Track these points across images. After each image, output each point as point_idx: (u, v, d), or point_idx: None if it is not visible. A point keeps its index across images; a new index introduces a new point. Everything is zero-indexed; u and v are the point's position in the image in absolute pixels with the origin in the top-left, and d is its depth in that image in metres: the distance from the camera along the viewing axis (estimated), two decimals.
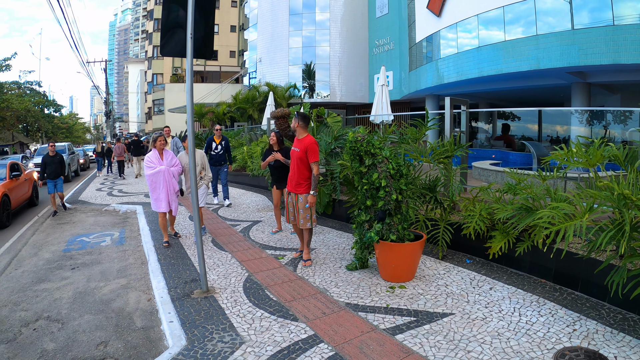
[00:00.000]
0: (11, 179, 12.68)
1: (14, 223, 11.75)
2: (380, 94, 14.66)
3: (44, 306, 5.67)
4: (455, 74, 22.67)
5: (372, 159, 5.66)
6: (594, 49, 15.98)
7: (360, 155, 5.72)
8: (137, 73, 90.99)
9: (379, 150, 5.66)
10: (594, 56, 16.03)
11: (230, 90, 42.89)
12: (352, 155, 5.79)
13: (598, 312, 4.51)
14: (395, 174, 5.67)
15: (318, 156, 6.34)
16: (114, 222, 10.96)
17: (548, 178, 5.80)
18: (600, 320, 4.32)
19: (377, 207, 5.71)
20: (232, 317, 4.80)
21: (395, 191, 5.62)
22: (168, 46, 5.43)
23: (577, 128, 20.79)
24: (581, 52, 16.33)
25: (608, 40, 15.59)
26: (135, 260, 7.59)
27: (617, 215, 4.06)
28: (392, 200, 5.63)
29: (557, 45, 17.17)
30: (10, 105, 34.15)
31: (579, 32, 16.51)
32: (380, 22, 36.34)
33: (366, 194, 5.81)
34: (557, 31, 17.32)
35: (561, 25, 17.25)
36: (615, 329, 4.14)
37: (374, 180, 5.59)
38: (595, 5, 16.40)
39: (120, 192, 16.56)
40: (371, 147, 5.63)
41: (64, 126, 60.71)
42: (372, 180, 5.61)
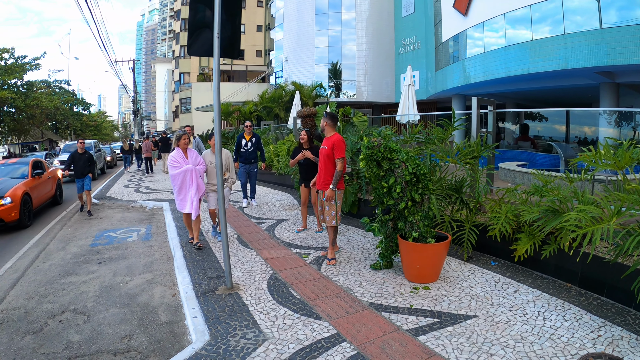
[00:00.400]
0: (33, 177, 12.38)
1: (41, 218, 12.04)
2: (407, 93, 14.60)
3: (70, 299, 5.79)
4: (482, 74, 22.44)
5: (390, 163, 5.65)
6: (623, 48, 15.67)
7: (378, 160, 5.71)
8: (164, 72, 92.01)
9: (395, 154, 5.65)
10: (622, 56, 15.72)
11: (256, 90, 43.15)
12: (369, 160, 5.78)
13: (624, 318, 4.43)
14: (411, 179, 5.65)
15: (344, 153, 6.50)
16: (141, 218, 11.12)
17: (575, 180, 5.72)
18: (625, 327, 4.23)
19: (387, 204, 5.73)
20: (255, 314, 4.84)
21: (407, 198, 5.61)
22: (195, 46, 5.49)
23: (605, 129, 20.42)
24: (609, 52, 16.02)
25: (637, 39, 15.26)
26: (161, 256, 7.70)
27: None
28: (399, 207, 5.64)
29: (585, 44, 16.88)
30: (40, 103, 34.82)
31: (608, 31, 16.20)
32: (406, 22, 36.17)
33: (384, 196, 5.80)
34: (585, 30, 17.02)
35: (589, 24, 16.95)
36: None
37: (391, 184, 5.59)
38: (623, 3, 16.08)
39: (147, 189, 16.77)
40: (388, 152, 5.62)
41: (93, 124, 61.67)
42: (389, 184, 5.62)
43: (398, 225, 5.75)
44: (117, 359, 4.23)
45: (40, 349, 4.45)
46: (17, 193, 10.68)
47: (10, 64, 33.27)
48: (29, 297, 5.91)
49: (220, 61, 5.45)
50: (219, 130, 5.57)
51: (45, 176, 13.36)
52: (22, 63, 33.95)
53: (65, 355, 4.30)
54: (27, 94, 33.95)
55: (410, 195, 5.63)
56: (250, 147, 11.42)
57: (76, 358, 4.25)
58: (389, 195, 5.69)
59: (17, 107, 33.15)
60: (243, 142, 11.41)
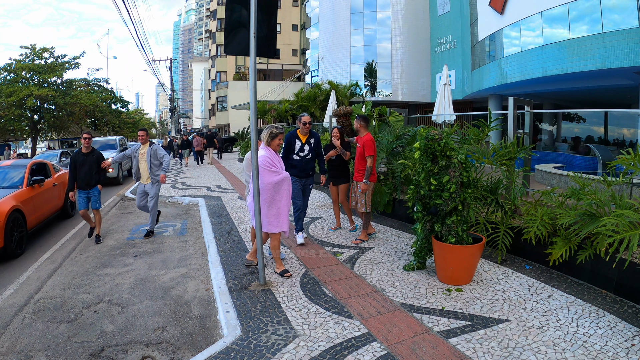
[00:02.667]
0: (30, 185, 9.36)
1: None
2: (443, 93, 14.49)
3: (105, 290, 5.94)
4: (518, 74, 22.12)
5: (447, 160, 5.61)
6: None
7: (435, 154, 5.65)
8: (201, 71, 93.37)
9: (454, 152, 5.61)
10: None
11: (292, 88, 43.40)
12: (425, 153, 5.71)
13: None
14: (465, 182, 5.62)
15: (373, 151, 7.46)
16: (177, 214, 11.31)
17: (613, 184, 5.61)
18: None
19: (433, 202, 5.67)
20: (287, 311, 4.87)
21: (459, 200, 5.57)
22: (232, 45, 5.56)
23: None
24: None
25: None
26: (195, 251, 7.82)
27: None
28: (449, 207, 5.58)
29: (623, 43, 16.46)
30: (79, 101, 35.68)
31: None
32: (441, 20, 35.88)
33: (429, 193, 5.74)
34: (624, 29, 16.62)
35: (628, 23, 16.51)
36: None
37: (444, 182, 5.53)
38: None
39: (184, 185, 17.02)
40: (448, 149, 5.58)
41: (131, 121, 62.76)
42: (442, 182, 5.56)
43: (435, 227, 5.72)
44: (149, 349, 4.31)
45: (75, 337, 4.58)
46: None
47: (50, 63, 34.24)
48: (65, 287, 6.09)
49: (257, 60, 5.51)
50: (255, 128, 5.63)
51: (49, 183, 10.41)
52: (62, 62, 34.91)
53: (98, 345, 4.41)
54: (66, 92, 34.87)
55: (463, 197, 5.60)
56: (308, 152, 7.74)
57: (109, 347, 4.35)
58: (437, 194, 5.62)
59: (56, 105, 34.03)
60: (297, 144, 7.71)
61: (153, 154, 9.02)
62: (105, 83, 45.76)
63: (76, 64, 35.42)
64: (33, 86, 31.95)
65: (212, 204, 11.89)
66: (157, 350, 4.30)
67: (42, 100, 32.66)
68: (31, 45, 33.97)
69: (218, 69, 60.81)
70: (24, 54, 33.94)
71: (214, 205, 11.69)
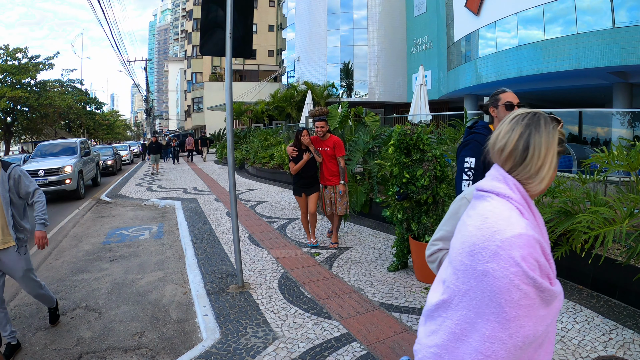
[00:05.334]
0: None
1: (54, 216, 12.03)
2: (419, 93, 14.57)
3: (82, 296, 5.84)
4: (494, 74, 22.38)
5: (421, 154, 5.63)
6: (637, 47, 15.56)
7: (409, 148, 5.67)
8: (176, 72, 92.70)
9: (428, 147, 5.64)
10: (636, 55, 15.61)
11: (268, 89, 43.27)
12: (399, 148, 5.73)
13: (636, 321, 4.37)
14: (439, 176, 5.65)
15: (344, 151, 7.32)
16: (153, 217, 11.19)
17: (588, 181, 5.69)
18: (637, 330, 4.17)
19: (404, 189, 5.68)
20: (266, 313, 4.85)
21: (430, 193, 5.60)
22: (207, 45, 5.52)
23: (618, 130, 20.20)
24: (623, 52, 15.92)
25: None
26: (172, 254, 7.74)
27: None
28: (420, 195, 5.60)
29: (598, 44, 16.78)
30: (53, 102, 35.22)
31: (621, 30, 16.09)
32: (418, 21, 36.15)
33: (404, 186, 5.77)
34: (598, 30, 16.92)
35: (601, 24, 16.85)
36: None
37: (418, 175, 5.55)
38: (636, 3, 15.96)
39: (160, 187, 16.86)
40: (420, 142, 5.61)
41: (105, 123, 62.16)
42: (415, 175, 5.58)
43: (411, 226, 5.74)
44: (127, 355, 4.26)
45: (52, 345, 4.49)
46: None
47: (24, 64, 33.66)
48: None
49: (233, 61, 5.48)
50: (231, 130, 5.60)
51: None
52: (36, 63, 34.34)
53: (76, 352, 4.33)
54: (40, 93, 34.33)
55: (436, 190, 5.62)
56: None
57: (87, 354, 4.28)
58: (411, 186, 5.63)
59: (30, 106, 33.52)
60: None
61: (14, 185, 4.40)
62: (79, 84, 45.29)
63: (50, 64, 34.89)
64: (6, 87, 31.41)
65: (188, 207, 11.80)
66: (135, 356, 4.24)
67: (16, 101, 32.11)
68: (4, 45, 33.37)
69: (194, 69, 60.40)
70: None
71: (191, 208, 11.60)
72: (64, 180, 14.10)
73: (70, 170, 14.40)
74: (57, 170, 14.20)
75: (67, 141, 18.14)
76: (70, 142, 17.60)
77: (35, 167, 14.05)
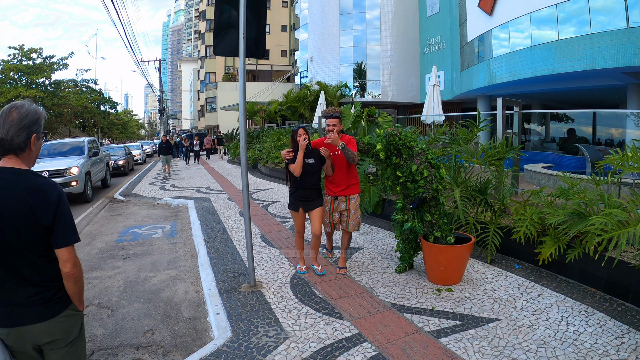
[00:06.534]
0: None
1: None
2: (432, 94, 14.53)
3: (95, 293, 5.89)
4: (507, 74, 22.24)
5: (409, 151, 5.63)
6: None
7: (399, 148, 5.66)
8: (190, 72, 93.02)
9: (415, 142, 5.64)
10: None
11: (281, 89, 43.33)
12: (389, 150, 5.71)
13: None
14: (434, 164, 5.65)
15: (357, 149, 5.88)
16: (166, 216, 11.25)
17: (602, 183, 5.64)
18: None
19: (414, 194, 5.66)
20: (277, 312, 4.86)
21: (436, 180, 5.60)
22: (221, 46, 5.54)
23: (632, 131, 20.04)
24: (637, 52, 15.73)
25: None
26: (185, 253, 7.78)
27: None
28: (432, 189, 5.60)
29: (612, 44, 16.62)
30: (68, 102, 35.56)
31: (635, 30, 15.91)
32: (431, 21, 36.01)
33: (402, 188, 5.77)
34: (612, 30, 16.78)
35: (616, 24, 16.69)
36: None
37: (414, 171, 5.54)
38: None
39: (173, 186, 16.94)
40: (407, 139, 5.60)
41: (119, 122, 62.58)
42: (412, 172, 5.56)
43: (416, 226, 5.72)
44: (139, 353, 4.28)
45: None
46: None
47: (39, 64, 34.00)
48: None
49: (246, 61, 5.50)
50: (244, 129, 5.62)
51: None
52: (50, 63, 34.70)
53: (88, 348, 4.35)
54: (54, 93, 34.70)
55: (439, 176, 5.63)
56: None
57: (99, 351, 4.31)
58: (414, 186, 5.63)
59: (45, 106, 33.79)
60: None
61: None
62: (93, 84, 45.63)
63: (64, 64, 35.26)
64: (21, 87, 31.80)
65: (201, 206, 11.85)
66: (147, 353, 4.27)
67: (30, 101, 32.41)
68: (19, 45, 33.77)
69: (207, 69, 60.63)
70: (12, 54, 33.75)
71: (204, 207, 11.65)
72: (69, 182, 13.30)
73: (76, 172, 13.54)
74: (62, 171, 13.34)
75: (75, 140, 17.47)
76: (78, 142, 16.74)
77: (39, 168, 12.58)
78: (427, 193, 5.59)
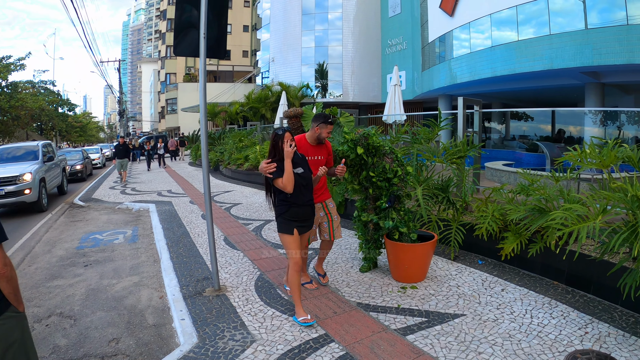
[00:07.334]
0: None
1: (27, 222, 11.80)
2: (393, 93, 14.63)
3: (56, 302, 5.74)
4: (468, 74, 22.60)
5: (381, 151, 5.65)
6: (608, 48, 15.88)
7: (376, 148, 5.66)
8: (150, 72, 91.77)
9: (382, 142, 5.67)
10: (607, 56, 15.93)
11: (242, 90, 43.10)
12: (367, 151, 5.70)
13: (610, 315, 4.47)
14: (402, 162, 5.68)
15: None
16: (127, 220, 11.05)
17: (561, 179, 5.76)
18: (612, 324, 4.28)
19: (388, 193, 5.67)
20: (243, 316, 4.82)
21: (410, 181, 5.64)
22: (181, 46, 5.47)
23: (590, 129, 20.63)
24: (595, 52, 16.22)
25: (622, 39, 15.49)
26: (147, 258, 7.65)
27: (631, 217, 4.02)
28: (406, 187, 5.64)
29: (570, 45, 17.08)
30: (25, 104, 34.53)
31: (593, 31, 16.41)
32: (392, 22, 36.30)
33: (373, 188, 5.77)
34: (571, 31, 17.23)
35: (574, 25, 17.17)
36: (627, 332, 4.11)
37: (388, 169, 5.56)
38: (608, 4, 16.31)
39: (134, 190, 16.66)
40: (375, 139, 5.62)
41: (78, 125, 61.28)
42: (385, 170, 5.57)
43: (380, 224, 5.73)
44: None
45: None
46: None
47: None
48: None
49: (207, 61, 5.42)
50: (206, 131, 5.55)
51: None
52: (7, 63, 33.65)
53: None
54: (11, 95, 33.62)
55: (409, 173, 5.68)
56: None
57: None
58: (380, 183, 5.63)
59: (1, 108, 32.83)
60: None
61: None
62: (51, 85, 44.46)
63: (21, 65, 34.20)
64: None
65: (163, 210, 11.68)
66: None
67: None
68: None
69: (168, 70, 59.88)
70: None
71: (165, 211, 11.48)
72: (22, 190, 12.21)
73: (29, 179, 12.42)
74: (14, 179, 12.15)
75: (28, 144, 15.95)
76: (32, 146, 15.35)
77: None
78: (402, 191, 5.62)
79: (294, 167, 4.59)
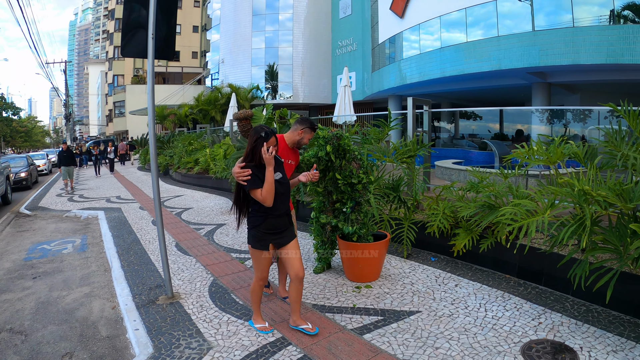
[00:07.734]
0: None
1: None
2: (343, 94, 14.70)
3: (5, 318, 5.49)
4: (417, 75, 22.94)
5: (348, 155, 5.64)
6: (554, 49, 16.43)
7: (346, 150, 5.64)
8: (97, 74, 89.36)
9: (353, 146, 5.68)
10: (554, 57, 16.47)
11: (192, 92, 42.56)
12: (337, 152, 5.65)
13: (562, 304, 4.63)
14: (367, 169, 5.69)
15: None
16: (76, 229, 10.72)
17: (510, 176, 5.90)
18: (564, 313, 4.43)
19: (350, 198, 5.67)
20: (198, 323, 4.75)
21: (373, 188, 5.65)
22: (129, 47, 5.32)
23: (537, 127, 21.26)
24: (542, 53, 16.75)
25: (568, 41, 16.05)
26: (98, 268, 7.43)
27: (578, 210, 4.14)
28: (366, 194, 5.65)
29: (518, 46, 17.60)
30: None
31: (540, 33, 16.95)
32: (343, 23, 36.55)
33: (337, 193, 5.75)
34: (518, 32, 17.73)
35: (522, 27, 17.70)
36: (579, 321, 4.27)
37: (355, 173, 5.55)
38: (555, 7, 16.85)
39: (82, 197, 16.20)
40: (347, 142, 5.61)
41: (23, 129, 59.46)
42: (352, 174, 5.56)
43: (339, 224, 5.72)
44: None
45: None
46: None
47: None
48: None
49: (155, 63, 5.30)
50: (154, 134, 5.42)
51: None
52: None
53: None
54: None
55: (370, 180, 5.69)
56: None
57: None
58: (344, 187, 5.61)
59: None
60: None
61: None
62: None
63: None
64: None
65: (112, 216, 11.39)
66: None
67: None
68: None
69: (115, 72, 58.51)
70: None
71: (115, 218, 11.20)
72: None
73: None
74: None
75: None
76: None
77: None
78: (362, 198, 5.62)
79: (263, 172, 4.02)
